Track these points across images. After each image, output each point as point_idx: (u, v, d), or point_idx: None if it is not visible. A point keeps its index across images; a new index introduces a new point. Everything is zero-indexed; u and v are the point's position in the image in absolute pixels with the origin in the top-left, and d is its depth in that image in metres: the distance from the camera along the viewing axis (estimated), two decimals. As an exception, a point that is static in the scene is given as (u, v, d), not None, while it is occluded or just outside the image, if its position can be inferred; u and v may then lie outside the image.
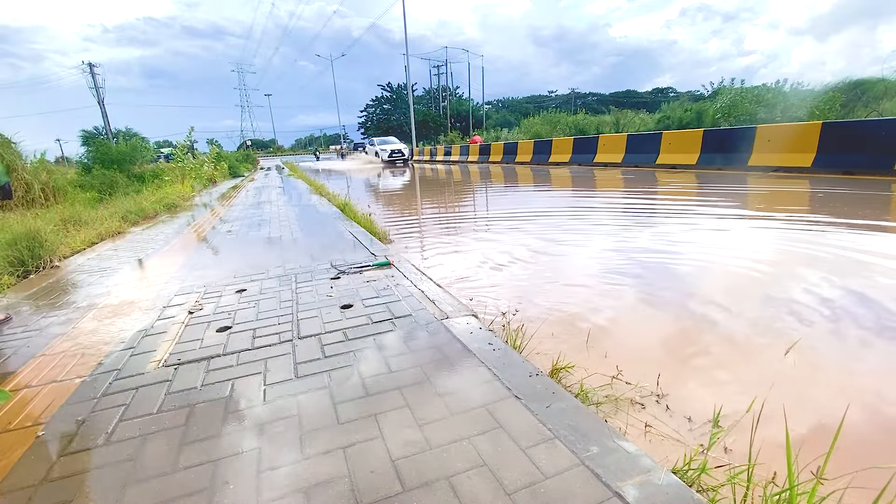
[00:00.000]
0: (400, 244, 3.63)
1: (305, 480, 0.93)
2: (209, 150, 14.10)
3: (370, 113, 53.22)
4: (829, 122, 6.32)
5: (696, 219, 3.85)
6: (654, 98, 57.78)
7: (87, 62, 31.22)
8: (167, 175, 9.58)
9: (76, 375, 1.48)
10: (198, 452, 1.04)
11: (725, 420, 1.21)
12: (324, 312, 1.90)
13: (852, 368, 1.48)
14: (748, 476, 0.90)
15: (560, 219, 4.38)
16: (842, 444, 1.04)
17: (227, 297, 2.20)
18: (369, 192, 8.85)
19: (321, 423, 1.12)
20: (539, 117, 22.80)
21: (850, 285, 2.11)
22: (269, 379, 1.37)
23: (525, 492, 0.87)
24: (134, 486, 0.95)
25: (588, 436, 1.02)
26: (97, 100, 31.51)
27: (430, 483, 0.90)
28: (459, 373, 1.33)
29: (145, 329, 1.85)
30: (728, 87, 15.21)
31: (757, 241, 3.03)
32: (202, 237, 4.00)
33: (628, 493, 0.85)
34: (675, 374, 1.48)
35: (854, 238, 2.87)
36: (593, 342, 1.72)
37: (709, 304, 2.03)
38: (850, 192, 4.58)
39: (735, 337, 1.72)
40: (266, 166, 24.10)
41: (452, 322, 1.71)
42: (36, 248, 3.13)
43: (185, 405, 1.25)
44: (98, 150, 9.56)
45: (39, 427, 1.19)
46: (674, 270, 2.53)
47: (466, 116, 44.06)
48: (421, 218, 5.13)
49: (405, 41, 23.94)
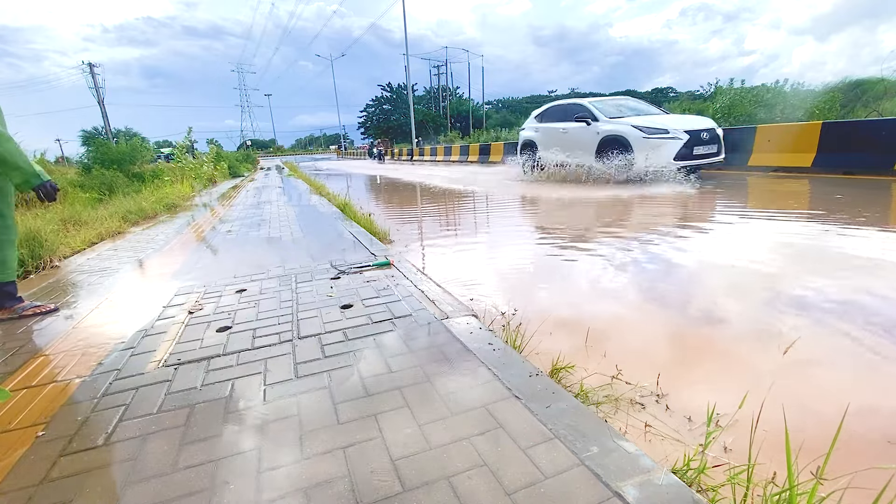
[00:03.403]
0: (401, 244, 3.63)
1: (305, 480, 0.93)
2: (209, 150, 14.09)
3: (370, 113, 53.22)
4: (830, 122, 6.32)
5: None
6: (654, 98, 57.81)
7: (87, 62, 31.25)
8: (167, 175, 9.58)
9: (76, 375, 1.48)
10: (198, 452, 1.04)
11: (725, 420, 1.21)
12: (324, 312, 1.90)
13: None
14: (748, 476, 0.90)
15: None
16: (842, 444, 1.04)
17: (227, 297, 2.20)
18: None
19: (321, 423, 1.12)
20: (539, 117, 22.73)
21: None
22: (269, 379, 1.37)
23: (525, 492, 0.87)
24: (134, 486, 0.95)
25: (588, 436, 1.02)
26: (97, 100, 31.53)
27: (430, 483, 0.90)
28: (459, 373, 1.33)
29: (145, 329, 1.85)
30: (727, 87, 15.20)
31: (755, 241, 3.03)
32: (202, 237, 4.00)
33: (628, 493, 0.85)
34: (676, 374, 1.48)
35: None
36: (593, 342, 1.72)
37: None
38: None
39: (736, 335, 1.72)
40: (266, 166, 24.10)
41: (452, 322, 1.71)
42: (36, 248, 3.13)
43: (185, 405, 1.25)
44: (98, 150, 9.56)
45: (39, 427, 1.19)
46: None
47: (466, 116, 44.06)
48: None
49: (405, 41, 23.94)
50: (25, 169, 1.94)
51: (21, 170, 1.93)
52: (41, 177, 1.98)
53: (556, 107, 8.07)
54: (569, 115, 7.43)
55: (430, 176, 11.18)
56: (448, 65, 48.83)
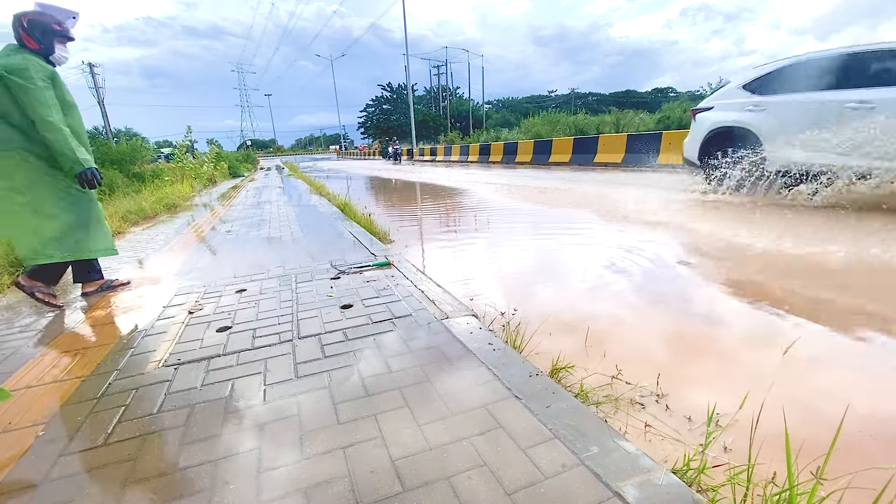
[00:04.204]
0: (401, 244, 3.63)
1: (305, 480, 0.93)
2: (209, 150, 14.09)
3: (370, 113, 53.26)
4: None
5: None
6: (654, 98, 57.86)
7: (87, 62, 31.22)
8: (167, 175, 9.58)
9: (76, 375, 1.48)
10: (198, 452, 1.04)
11: (725, 419, 1.21)
12: (324, 312, 1.90)
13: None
14: (748, 476, 0.90)
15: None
16: (842, 444, 1.04)
17: (227, 296, 2.20)
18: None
19: (321, 423, 1.12)
20: (539, 117, 22.71)
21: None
22: (269, 379, 1.37)
23: (525, 492, 0.87)
24: (134, 486, 0.95)
25: (588, 436, 1.02)
26: (97, 100, 31.50)
27: (430, 483, 0.90)
28: (459, 373, 1.33)
29: (145, 329, 1.85)
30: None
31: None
32: (202, 237, 4.00)
33: (628, 493, 0.85)
34: (675, 374, 1.48)
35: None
36: (593, 341, 1.72)
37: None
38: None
39: (736, 335, 1.72)
40: (266, 166, 24.09)
41: (452, 322, 1.71)
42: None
43: (185, 405, 1.25)
44: (98, 150, 9.56)
45: (39, 427, 1.19)
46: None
47: (466, 116, 44.08)
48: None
49: (405, 41, 23.95)
50: (69, 156, 2.09)
51: (66, 156, 2.09)
52: (82, 164, 2.12)
53: (811, 61, 4.07)
54: (858, 75, 3.73)
55: (503, 188, 7.35)
56: (448, 65, 48.88)
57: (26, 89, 1.96)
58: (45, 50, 2.11)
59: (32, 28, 2.07)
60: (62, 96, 2.12)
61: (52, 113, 2.02)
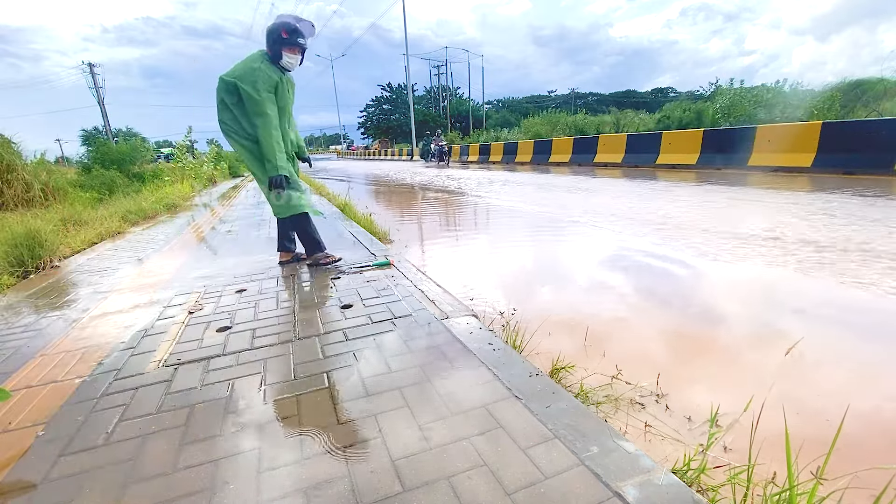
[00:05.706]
0: (401, 244, 3.63)
1: (305, 480, 0.93)
2: (209, 150, 14.09)
3: (370, 113, 53.20)
4: (829, 122, 6.33)
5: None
6: (654, 98, 57.81)
7: (87, 62, 31.21)
8: (167, 175, 9.58)
9: (76, 375, 1.48)
10: (198, 452, 1.04)
11: (725, 419, 1.21)
12: (324, 312, 1.90)
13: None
14: (748, 476, 0.90)
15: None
16: (842, 444, 1.04)
17: (226, 296, 2.20)
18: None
19: (321, 423, 1.12)
20: (539, 117, 22.67)
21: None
22: (268, 379, 1.37)
23: (525, 492, 0.87)
24: (134, 486, 0.95)
25: (588, 436, 1.02)
26: (97, 100, 31.49)
27: (430, 483, 0.90)
28: (459, 373, 1.33)
29: (145, 329, 1.84)
30: (727, 87, 15.24)
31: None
32: (202, 237, 4.00)
33: (628, 493, 0.85)
34: (676, 374, 1.48)
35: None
36: (592, 341, 1.72)
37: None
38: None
39: (737, 335, 1.72)
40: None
41: (452, 322, 1.71)
42: (36, 248, 3.12)
43: (185, 405, 1.25)
44: (98, 150, 9.56)
45: (39, 427, 1.19)
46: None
47: (466, 116, 44.06)
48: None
49: (405, 41, 23.96)
50: (270, 161, 2.35)
51: (267, 160, 2.36)
52: (276, 170, 2.37)
53: None
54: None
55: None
56: (448, 65, 48.81)
57: (250, 97, 2.24)
58: (274, 56, 2.34)
59: (266, 36, 2.32)
60: (281, 103, 2.38)
61: (266, 122, 2.28)
